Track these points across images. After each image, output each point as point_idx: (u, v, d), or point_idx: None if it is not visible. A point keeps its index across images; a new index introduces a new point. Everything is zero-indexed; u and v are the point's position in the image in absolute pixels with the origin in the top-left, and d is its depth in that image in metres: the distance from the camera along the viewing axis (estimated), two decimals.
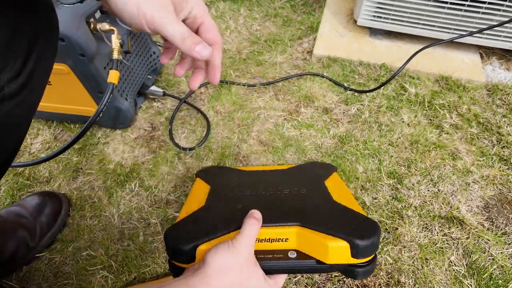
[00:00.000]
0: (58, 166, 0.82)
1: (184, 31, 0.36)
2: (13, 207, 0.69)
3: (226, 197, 0.57)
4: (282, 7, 1.29)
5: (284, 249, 0.47)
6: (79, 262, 0.67)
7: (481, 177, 0.78)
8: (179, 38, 0.35)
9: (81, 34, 0.63)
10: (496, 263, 0.66)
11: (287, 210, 0.51)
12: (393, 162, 0.81)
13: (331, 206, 0.53)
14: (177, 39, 0.35)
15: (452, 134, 0.86)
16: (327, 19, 1.17)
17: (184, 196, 0.76)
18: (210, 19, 0.40)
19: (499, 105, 0.93)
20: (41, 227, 0.68)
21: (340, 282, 0.64)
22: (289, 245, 0.48)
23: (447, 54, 1.05)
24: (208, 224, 0.49)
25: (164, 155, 0.83)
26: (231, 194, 0.58)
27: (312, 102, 0.94)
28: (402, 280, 0.64)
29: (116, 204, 0.75)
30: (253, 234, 0.44)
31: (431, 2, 0.93)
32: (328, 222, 0.48)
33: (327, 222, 0.48)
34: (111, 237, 0.70)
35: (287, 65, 1.06)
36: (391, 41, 1.09)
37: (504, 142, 0.84)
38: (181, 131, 0.89)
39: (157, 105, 0.95)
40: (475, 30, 0.94)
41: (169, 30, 0.35)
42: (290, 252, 0.47)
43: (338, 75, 1.01)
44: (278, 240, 0.48)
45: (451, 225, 0.71)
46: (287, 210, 0.51)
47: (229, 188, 0.61)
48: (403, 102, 0.94)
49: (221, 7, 1.27)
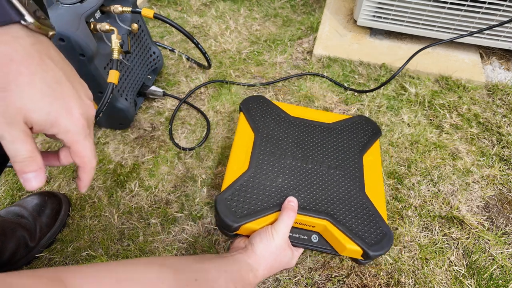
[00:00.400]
0: (58, 166, 0.82)
1: (18, 152, 0.30)
2: (13, 207, 0.69)
3: (268, 164, 0.64)
4: (282, 7, 1.29)
5: (310, 231, 0.60)
6: (79, 262, 0.67)
7: (481, 177, 0.78)
8: (11, 157, 0.31)
9: (81, 34, 0.63)
10: (496, 263, 0.66)
11: (320, 201, 0.60)
12: (393, 162, 0.81)
13: (361, 203, 0.60)
14: (10, 156, 0.30)
15: (452, 134, 0.86)
16: (327, 19, 1.17)
17: (184, 196, 0.76)
18: (81, 144, 0.34)
19: (499, 105, 0.93)
20: (41, 227, 0.68)
21: (340, 283, 0.64)
22: (314, 229, 0.59)
23: (447, 54, 1.05)
24: (252, 202, 0.59)
25: (164, 155, 0.83)
26: (273, 160, 0.65)
27: (312, 102, 0.94)
28: (402, 280, 0.64)
29: (116, 204, 0.75)
30: (290, 223, 0.55)
31: (431, 2, 0.93)
32: (353, 224, 0.57)
33: (352, 224, 0.57)
34: (111, 237, 0.70)
35: (287, 65, 1.06)
36: (391, 41, 1.09)
37: (504, 142, 0.84)
38: (181, 131, 0.89)
39: (157, 105, 0.95)
40: (475, 30, 0.94)
41: (6, 146, 0.30)
42: (313, 236, 0.59)
43: (338, 75, 1.01)
44: (307, 225, 0.59)
45: (451, 225, 0.71)
46: (319, 202, 0.60)
47: (272, 147, 0.67)
48: (403, 102, 0.94)
49: (221, 7, 1.27)
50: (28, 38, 0.31)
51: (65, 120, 0.32)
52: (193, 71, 1.04)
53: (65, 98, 0.32)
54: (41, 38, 0.32)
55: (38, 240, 0.67)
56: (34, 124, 0.31)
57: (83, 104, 0.34)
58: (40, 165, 0.32)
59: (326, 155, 0.66)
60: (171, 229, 0.71)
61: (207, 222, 0.73)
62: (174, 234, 0.71)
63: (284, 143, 0.67)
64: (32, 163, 0.31)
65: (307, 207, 0.58)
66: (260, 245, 0.53)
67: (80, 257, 0.68)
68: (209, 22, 1.21)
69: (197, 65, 1.06)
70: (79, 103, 0.33)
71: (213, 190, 0.78)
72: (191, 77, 1.02)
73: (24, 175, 0.31)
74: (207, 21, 1.21)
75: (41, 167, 0.32)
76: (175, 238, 0.70)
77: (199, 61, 1.06)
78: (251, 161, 0.64)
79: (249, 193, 0.60)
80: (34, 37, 0.31)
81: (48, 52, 0.32)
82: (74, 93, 0.33)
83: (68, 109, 0.32)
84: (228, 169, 0.64)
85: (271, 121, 0.71)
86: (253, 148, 0.66)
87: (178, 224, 0.72)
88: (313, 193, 0.61)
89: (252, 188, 0.60)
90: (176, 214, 0.73)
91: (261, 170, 0.63)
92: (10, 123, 0.29)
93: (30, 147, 0.31)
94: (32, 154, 0.31)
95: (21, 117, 0.30)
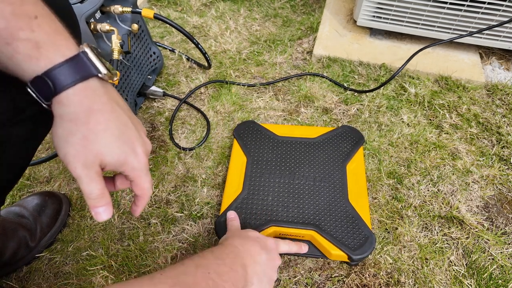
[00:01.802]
0: (58, 166, 0.82)
1: (92, 191, 0.34)
2: (13, 207, 0.69)
3: (259, 184, 0.71)
4: (282, 8, 1.29)
5: (301, 240, 0.66)
6: (79, 262, 0.67)
7: (481, 177, 0.78)
8: (86, 194, 0.34)
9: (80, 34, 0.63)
10: (496, 263, 0.66)
11: (306, 213, 0.67)
12: (393, 162, 0.81)
13: (344, 210, 0.67)
14: (84, 194, 0.34)
15: (451, 134, 0.86)
16: (327, 19, 1.17)
17: (185, 196, 0.76)
18: (143, 178, 0.38)
19: (498, 105, 0.93)
20: (41, 227, 0.68)
21: (340, 282, 0.64)
22: (304, 239, 0.66)
23: (446, 54, 1.05)
24: (247, 222, 0.66)
25: (164, 155, 0.83)
26: (263, 180, 0.72)
27: (312, 102, 0.94)
28: (402, 280, 0.64)
29: (116, 204, 0.75)
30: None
31: (430, 2, 0.93)
32: (337, 232, 0.64)
33: (336, 232, 0.64)
34: (111, 237, 0.70)
35: (287, 65, 1.06)
36: (391, 41, 1.09)
37: (504, 142, 0.84)
38: (181, 131, 0.89)
39: (157, 105, 0.95)
40: (474, 30, 0.94)
41: (82, 186, 0.34)
42: (303, 245, 0.64)
43: (338, 75, 1.01)
44: (297, 235, 0.66)
45: (451, 225, 0.71)
46: (306, 214, 0.67)
47: (262, 168, 0.74)
48: (403, 102, 0.94)
49: (221, 8, 1.27)
50: (102, 88, 0.34)
51: (132, 159, 0.36)
52: (193, 71, 1.05)
53: (131, 139, 0.36)
54: (109, 86, 0.36)
55: (38, 240, 0.67)
56: (107, 165, 0.35)
57: (143, 142, 0.38)
58: (108, 201, 0.36)
59: (311, 169, 0.73)
60: (171, 229, 0.71)
61: (207, 222, 0.73)
62: (174, 234, 0.71)
63: (273, 163, 0.75)
64: (102, 200, 0.35)
65: (294, 220, 0.66)
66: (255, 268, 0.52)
67: (81, 257, 0.68)
68: (209, 22, 1.21)
69: (197, 65, 1.06)
70: (141, 142, 0.38)
71: (213, 190, 0.78)
72: (191, 77, 1.02)
73: (96, 209, 0.35)
74: (207, 21, 1.21)
75: (109, 202, 0.36)
76: (175, 238, 0.70)
77: (199, 61, 1.06)
78: (244, 183, 0.72)
79: (244, 213, 0.67)
80: (105, 86, 0.35)
81: (116, 99, 0.36)
82: (136, 134, 0.37)
83: (134, 149, 0.36)
84: (225, 193, 0.71)
85: (260, 144, 0.78)
86: (245, 171, 0.74)
87: (178, 224, 0.72)
88: (300, 207, 0.68)
89: (246, 208, 0.68)
90: (176, 214, 0.74)
91: (253, 191, 0.70)
92: (87, 167, 0.33)
93: (101, 185, 0.34)
94: (103, 191, 0.35)
95: (98, 161, 0.34)
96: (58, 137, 0.33)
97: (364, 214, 0.67)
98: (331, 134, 0.79)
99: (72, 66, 0.32)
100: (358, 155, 0.76)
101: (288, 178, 0.72)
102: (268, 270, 0.53)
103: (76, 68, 0.32)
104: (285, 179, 0.72)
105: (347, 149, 0.76)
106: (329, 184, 0.71)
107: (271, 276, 0.54)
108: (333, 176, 0.72)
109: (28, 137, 0.43)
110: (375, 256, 0.67)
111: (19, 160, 0.46)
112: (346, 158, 0.75)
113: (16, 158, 0.44)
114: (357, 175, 0.73)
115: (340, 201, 0.68)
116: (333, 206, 0.67)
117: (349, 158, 0.75)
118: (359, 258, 0.62)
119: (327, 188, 0.70)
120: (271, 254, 0.55)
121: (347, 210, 0.67)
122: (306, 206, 0.68)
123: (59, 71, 0.31)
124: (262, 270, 0.52)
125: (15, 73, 0.32)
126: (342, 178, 0.71)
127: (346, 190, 0.70)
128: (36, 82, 0.31)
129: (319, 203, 0.68)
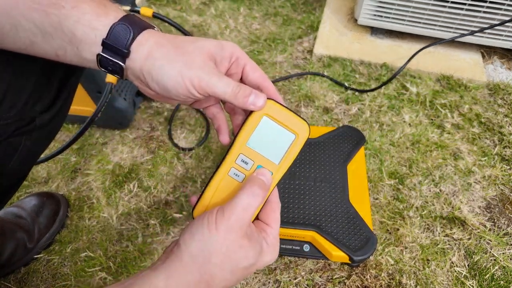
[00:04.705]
0: (56, 167, 0.81)
1: (233, 86, 0.32)
2: (11, 208, 0.69)
3: None
4: (282, 6, 1.28)
5: (301, 241, 0.65)
6: (78, 263, 0.67)
7: (483, 177, 0.78)
8: (231, 94, 0.32)
9: None
10: (498, 263, 0.65)
11: (307, 214, 0.66)
12: (394, 162, 0.80)
13: (345, 211, 0.66)
14: (229, 95, 0.32)
15: (453, 134, 0.86)
16: (327, 18, 1.16)
17: (184, 197, 0.75)
18: (249, 57, 0.37)
19: (500, 104, 0.93)
20: (39, 228, 0.67)
21: (341, 284, 0.64)
22: (305, 240, 0.65)
23: (448, 54, 1.04)
24: None
25: (163, 155, 0.83)
26: None
27: (313, 102, 0.94)
28: (404, 281, 0.63)
29: (115, 205, 0.74)
30: (253, 205, 0.33)
31: (432, 1, 0.93)
32: (338, 232, 0.63)
33: (337, 233, 0.63)
34: (110, 238, 0.70)
35: (287, 64, 1.05)
36: (392, 41, 1.08)
37: (506, 142, 0.83)
38: (180, 131, 0.88)
39: (156, 105, 0.94)
40: (476, 30, 0.93)
41: (220, 88, 0.32)
42: (305, 246, 0.65)
43: (339, 74, 1.01)
44: (298, 236, 0.65)
45: (452, 226, 0.70)
46: (307, 215, 0.66)
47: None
48: (404, 102, 0.93)
49: (220, 6, 1.27)
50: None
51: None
52: None
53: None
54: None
55: (36, 241, 0.67)
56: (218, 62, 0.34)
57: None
58: (249, 87, 0.34)
59: (312, 170, 0.72)
60: (170, 230, 0.71)
61: None
62: (174, 235, 0.70)
63: None
64: (245, 88, 0.34)
65: (295, 221, 0.65)
66: (191, 245, 0.32)
67: (79, 258, 0.67)
68: (209, 21, 1.20)
69: None
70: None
71: None
72: None
73: (249, 99, 0.33)
74: (206, 20, 1.21)
75: (251, 88, 0.34)
76: (174, 239, 0.70)
77: None
78: None
79: None
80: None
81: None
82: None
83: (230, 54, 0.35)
84: None
85: None
86: None
87: (178, 225, 0.72)
88: (301, 207, 0.67)
89: None
90: (176, 215, 0.73)
91: None
92: (208, 72, 0.32)
93: (230, 79, 0.33)
94: (237, 82, 0.34)
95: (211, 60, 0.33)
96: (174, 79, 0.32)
97: (365, 215, 0.66)
98: (332, 134, 0.78)
99: (136, 17, 0.33)
100: (359, 155, 0.75)
101: (289, 178, 0.71)
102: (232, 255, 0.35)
103: (138, 20, 0.33)
104: (285, 179, 0.71)
105: (348, 149, 0.76)
106: (330, 184, 0.70)
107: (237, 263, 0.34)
108: (334, 176, 0.71)
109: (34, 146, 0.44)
110: (376, 257, 0.66)
111: (24, 166, 0.46)
112: (347, 158, 0.74)
113: (21, 165, 0.44)
114: (358, 176, 0.72)
115: (341, 202, 0.67)
116: (334, 206, 0.67)
117: (350, 158, 0.74)
118: (360, 259, 0.61)
119: (328, 188, 0.69)
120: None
121: (348, 211, 0.66)
122: (307, 206, 0.67)
123: (131, 17, 0.32)
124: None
125: (79, 38, 0.32)
126: (343, 179, 0.71)
127: (347, 190, 0.69)
128: (111, 34, 0.31)
129: (319, 204, 0.67)
